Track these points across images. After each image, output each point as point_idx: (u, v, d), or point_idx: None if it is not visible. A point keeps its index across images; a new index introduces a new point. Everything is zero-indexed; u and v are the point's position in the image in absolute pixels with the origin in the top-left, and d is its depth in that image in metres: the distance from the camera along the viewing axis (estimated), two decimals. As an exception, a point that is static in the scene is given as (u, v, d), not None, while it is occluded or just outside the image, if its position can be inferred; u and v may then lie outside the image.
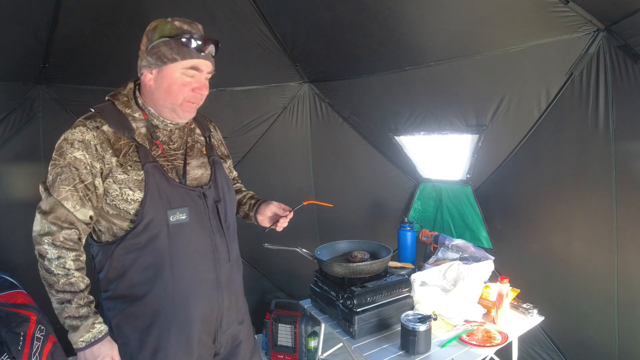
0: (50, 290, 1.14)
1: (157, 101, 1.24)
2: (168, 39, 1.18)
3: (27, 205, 2.60)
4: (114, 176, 1.16)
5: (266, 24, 2.31)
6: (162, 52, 1.17)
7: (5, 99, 2.42)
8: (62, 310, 1.13)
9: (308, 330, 2.78)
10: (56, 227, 1.12)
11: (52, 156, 1.17)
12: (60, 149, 1.16)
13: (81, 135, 1.16)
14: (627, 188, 1.70)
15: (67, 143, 1.16)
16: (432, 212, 2.68)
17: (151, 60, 1.18)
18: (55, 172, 1.15)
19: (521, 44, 1.87)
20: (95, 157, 1.15)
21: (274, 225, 1.55)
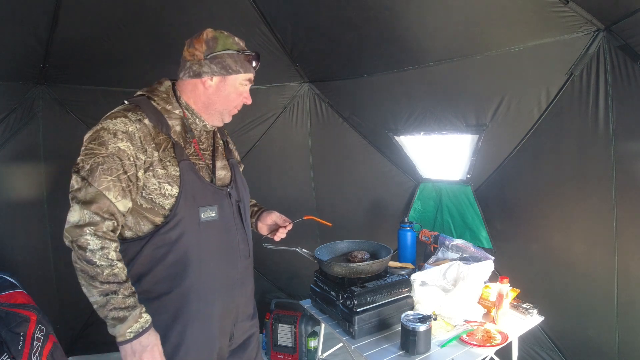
0: (93, 283, 1.10)
1: (212, 105, 1.31)
2: (234, 53, 1.28)
3: (27, 205, 2.62)
4: (154, 170, 1.18)
5: (266, 24, 2.31)
6: (227, 63, 1.27)
7: (5, 99, 2.42)
8: (106, 302, 1.10)
9: (308, 330, 2.78)
10: (99, 218, 1.10)
11: (86, 145, 1.15)
12: (100, 138, 1.14)
13: (124, 127, 1.16)
14: (627, 188, 1.70)
15: (108, 133, 1.15)
16: (432, 212, 2.68)
17: (215, 68, 1.26)
18: (95, 161, 1.12)
19: (521, 44, 1.87)
20: (139, 149, 1.16)
21: (271, 234, 1.63)
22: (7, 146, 2.48)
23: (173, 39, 2.37)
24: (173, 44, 2.40)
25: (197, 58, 1.26)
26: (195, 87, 1.29)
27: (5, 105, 2.43)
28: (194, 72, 1.27)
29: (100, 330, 3.09)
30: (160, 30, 2.30)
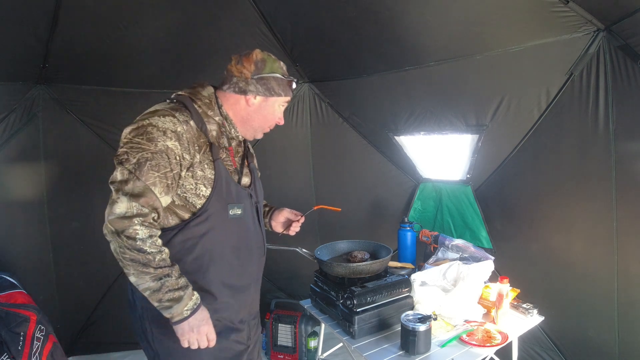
0: (146, 270, 1.14)
1: (250, 121, 1.39)
2: (278, 77, 1.35)
3: (27, 206, 2.62)
4: (194, 171, 1.24)
5: (266, 24, 2.31)
6: (272, 86, 1.35)
7: (5, 99, 2.43)
8: (161, 286, 1.15)
9: (308, 330, 2.78)
10: (147, 210, 1.15)
11: (131, 138, 1.17)
12: (148, 134, 1.17)
13: (173, 126, 1.20)
14: (627, 188, 1.70)
15: (157, 130, 1.18)
16: (432, 212, 2.68)
17: (260, 89, 1.33)
18: (143, 156, 1.15)
19: (521, 44, 1.87)
20: (185, 150, 1.21)
21: (286, 230, 1.68)
22: (7, 146, 2.48)
23: (173, 39, 2.38)
24: (173, 44, 2.42)
25: (245, 76, 1.32)
26: (237, 102, 1.36)
27: (5, 105, 2.43)
28: (239, 89, 1.33)
29: (100, 330, 3.10)
30: (160, 31, 2.30)
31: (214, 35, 2.37)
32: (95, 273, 2.79)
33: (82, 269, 2.76)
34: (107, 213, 1.15)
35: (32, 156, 2.57)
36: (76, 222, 2.72)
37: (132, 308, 1.34)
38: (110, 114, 2.67)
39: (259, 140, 2.94)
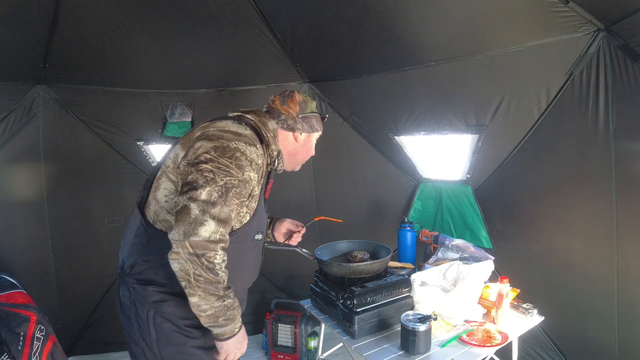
0: (215, 292, 1.17)
1: (295, 154, 1.52)
2: (316, 114, 1.53)
3: (27, 205, 2.63)
4: (249, 201, 1.30)
5: (266, 24, 2.31)
6: (312, 123, 1.51)
7: (5, 99, 2.43)
8: (225, 306, 1.20)
9: (308, 330, 2.78)
10: (227, 237, 1.20)
11: (219, 158, 1.19)
12: (237, 160, 1.21)
13: (257, 158, 1.27)
14: (627, 188, 1.70)
15: (246, 159, 1.23)
16: (432, 212, 2.68)
17: (305, 126, 1.49)
18: (230, 182, 1.19)
19: (521, 44, 1.87)
20: (257, 183, 1.30)
21: (288, 240, 1.73)
22: (7, 146, 2.48)
23: (173, 39, 2.38)
24: (173, 44, 2.42)
25: (292, 115, 1.46)
26: (285, 137, 1.47)
27: (5, 105, 2.43)
28: (288, 126, 1.45)
29: (100, 330, 3.09)
30: (161, 31, 2.30)
31: (214, 36, 2.37)
32: (95, 273, 2.79)
33: (82, 269, 2.76)
34: (185, 232, 1.12)
35: (32, 156, 2.57)
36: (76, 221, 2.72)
37: (129, 311, 1.31)
38: (110, 114, 2.67)
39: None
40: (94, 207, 2.78)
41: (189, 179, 1.18)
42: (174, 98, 2.77)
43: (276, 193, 2.99)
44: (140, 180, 2.82)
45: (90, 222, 2.78)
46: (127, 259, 1.32)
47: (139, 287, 1.29)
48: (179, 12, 2.19)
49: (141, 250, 1.30)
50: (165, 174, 1.28)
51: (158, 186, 1.29)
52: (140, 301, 1.28)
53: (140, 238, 1.30)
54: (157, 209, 1.28)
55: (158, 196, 1.28)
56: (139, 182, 2.78)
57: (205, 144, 1.22)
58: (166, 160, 1.31)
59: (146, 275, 1.28)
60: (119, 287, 1.35)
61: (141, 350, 1.32)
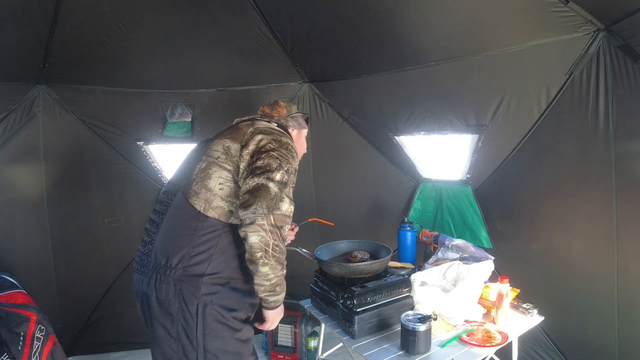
0: (282, 262, 1.36)
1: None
2: (301, 114, 1.75)
3: (27, 205, 2.62)
4: None
5: (266, 24, 2.31)
6: (300, 121, 1.72)
7: (5, 99, 2.43)
8: (283, 275, 1.39)
9: (308, 330, 2.78)
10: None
11: (279, 149, 1.38)
12: (291, 152, 1.41)
13: (296, 154, 1.46)
14: (627, 188, 1.70)
15: (295, 151, 1.44)
16: (432, 212, 2.68)
17: (295, 124, 1.70)
18: (290, 169, 1.38)
19: (521, 44, 1.87)
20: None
21: None
22: (7, 146, 2.48)
23: (173, 39, 2.38)
24: (173, 44, 2.42)
25: (282, 115, 1.65)
26: None
27: (5, 105, 2.43)
28: (281, 125, 1.61)
29: (100, 330, 3.09)
30: (160, 30, 2.30)
31: (214, 36, 2.37)
32: (95, 273, 2.79)
33: (82, 269, 2.76)
34: (268, 206, 1.27)
35: (32, 156, 2.57)
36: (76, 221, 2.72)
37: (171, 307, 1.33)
38: (110, 114, 2.67)
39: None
40: (94, 207, 2.77)
41: (260, 164, 1.33)
42: (174, 98, 2.77)
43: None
44: (140, 180, 2.86)
45: (90, 222, 2.78)
46: (173, 252, 1.33)
47: (190, 280, 1.32)
48: (179, 12, 2.19)
49: (191, 241, 1.34)
50: (215, 164, 1.39)
51: (208, 175, 1.38)
52: (189, 295, 1.32)
53: (190, 228, 1.35)
54: (208, 197, 1.36)
55: (210, 185, 1.37)
56: (139, 182, 2.83)
57: (265, 137, 1.40)
58: (210, 152, 1.42)
59: (199, 266, 1.33)
60: (156, 284, 1.33)
61: (179, 347, 1.33)
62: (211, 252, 1.34)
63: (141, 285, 1.39)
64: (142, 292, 1.38)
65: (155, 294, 1.34)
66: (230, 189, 1.37)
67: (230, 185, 1.37)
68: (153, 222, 1.46)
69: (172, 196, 1.44)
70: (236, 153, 1.39)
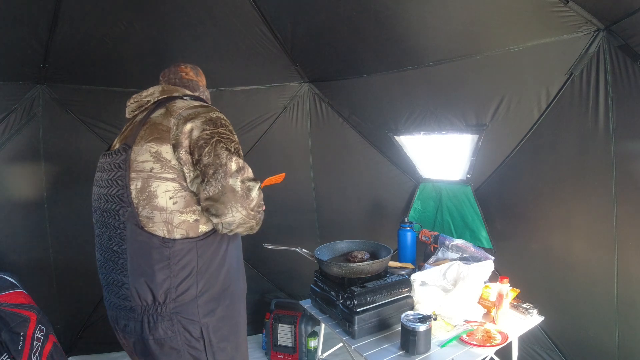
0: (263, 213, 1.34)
1: None
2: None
3: (27, 205, 2.63)
4: None
5: (266, 24, 2.31)
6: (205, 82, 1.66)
7: (5, 99, 2.43)
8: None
9: (308, 330, 2.78)
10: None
11: (219, 130, 1.23)
12: (226, 126, 1.27)
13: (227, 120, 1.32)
14: (627, 188, 1.70)
15: (229, 124, 1.29)
16: (432, 212, 2.68)
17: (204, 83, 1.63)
18: (235, 145, 1.26)
19: (521, 44, 1.86)
20: None
21: None
22: (7, 146, 2.48)
23: (174, 39, 2.38)
24: (173, 44, 2.42)
25: (192, 77, 1.54)
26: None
27: (5, 105, 2.43)
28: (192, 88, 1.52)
29: (100, 330, 3.10)
30: (161, 31, 2.30)
31: (214, 36, 2.37)
32: (95, 273, 2.78)
33: (82, 269, 2.75)
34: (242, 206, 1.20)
35: (32, 156, 2.57)
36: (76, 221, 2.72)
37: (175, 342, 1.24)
38: (110, 114, 2.67)
39: (258, 140, 2.98)
40: (94, 207, 2.77)
41: (207, 160, 1.17)
42: (174, 98, 2.76)
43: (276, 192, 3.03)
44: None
45: (91, 222, 2.77)
46: (155, 290, 1.20)
47: (186, 308, 1.23)
48: (179, 12, 2.19)
49: (170, 272, 1.20)
50: (153, 178, 1.18)
51: (152, 194, 1.18)
52: (190, 323, 1.24)
53: (161, 260, 1.19)
54: (166, 217, 1.19)
55: (160, 203, 1.19)
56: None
57: (193, 124, 1.20)
58: (138, 166, 1.19)
59: (189, 292, 1.23)
60: (150, 326, 1.22)
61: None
62: (194, 273, 1.23)
63: (133, 331, 1.26)
64: (135, 335, 1.26)
65: (152, 337, 1.22)
66: (184, 199, 1.21)
67: (183, 195, 1.20)
68: (108, 262, 1.28)
69: (108, 229, 1.26)
70: (170, 157, 1.19)
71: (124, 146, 1.24)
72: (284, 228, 3.07)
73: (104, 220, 1.28)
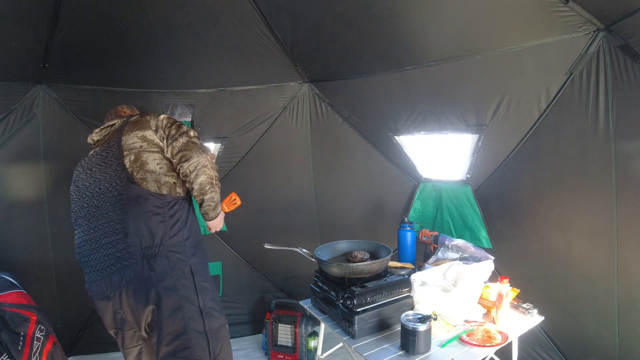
0: (219, 185, 1.70)
1: None
2: None
3: (27, 205, 2.63)
4: None
5: (266, 24, 2.31)
6: None
7: (5, 99, 2.43)
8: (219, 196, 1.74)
9: (308, 330, 2.78)
10: None
11: (175, 121, 1.69)
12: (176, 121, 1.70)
13: None
14: (627, 188, 1.70)
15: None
16: (432, 212, 2.68)
17: None
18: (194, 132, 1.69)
19: (521, 44, 1.86)
20: None
21: None
22: (7, 146, 2.48)
23: (174, 39, 2.38)
24: (174, 44, 2.42)
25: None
26: None
27: (5, 105, 2.43)
28: None
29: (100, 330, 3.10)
30: (161, 31, 2.30)
31: (214, 36, 2.37)
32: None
33: (82, 269, 2.75)
34: (202, 150, 1.62)
35: (32, 156, 2.57)
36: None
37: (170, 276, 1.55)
38: (110, 114, 2.67)
39: (258, 140, 2.98)
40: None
41: (175, 131, 1.63)
42: (174, 98, 2.77)
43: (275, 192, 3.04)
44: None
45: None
46: (154, 233, 1.54)
47: (178, 248, 1.59)
48: (179, 12, 2.19)
49: (164, 218, 1.57)
50: (143, 152, 1.60)
51: (144, 162, 1.59)
52: (182, 261, 1.58)
53: (156, 209, 1.56)
54: (155, 177, 1.59)
55: (151, 168, 1.59)
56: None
57: (162, 116, 1.68)
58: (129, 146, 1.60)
59: (179, 234, 1.60)
60: (151, 262, 1.52)
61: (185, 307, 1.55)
62: (182, 220, 1.62)
63: (133, 275, 1.52)
64: (135, 280, 1.52)
65: (155, 272, 1.52)
66: (167, 166, 1.63)
67: (166, 162, 1.63)
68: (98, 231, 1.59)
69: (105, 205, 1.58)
70: (153, 137, 1.61)
71: (113, 140, 1.65)
72: (284, 228, 3.07)
73: (99, 203, 1.60)
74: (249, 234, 2.99)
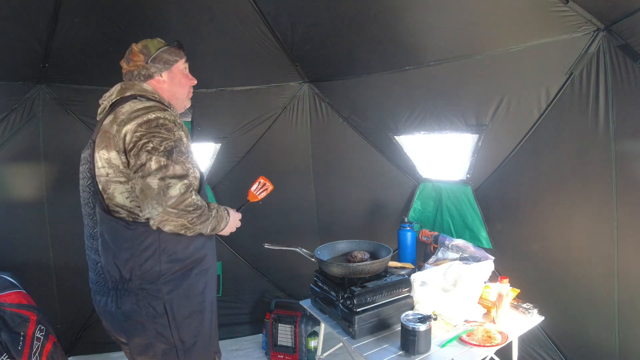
0: (207, 215, 1.36)
1: (175, 94, 1.55)
2: (165, 48, 1.52)
3: (27, 205, 2.62)
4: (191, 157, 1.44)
5: (266, 24, 2.31)
6: (165, 58, 1.51)
7: (5, 99, 2.43)
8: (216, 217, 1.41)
9: (308, 330, 2.78)
10: (193, 181, 1.36)
11: (152, 129, 1.29)
12: (163, 126, 1.31)
13: (176, 118, 1.39)
14: (627, 188, 1.70)
15: (169, 122, 1.33)
16: (432, 212, 2.68)
17: (159, 66, 1.49)
18: (168, 144, 1.29)
19: (521, 44, 1.87)
20: (187, 139, 1.42)
21: None
22: (7, 146, 2.48)
23: (174, 39, 2.38)
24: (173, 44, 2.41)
25: (141, 65, 1.47)
26: (155, 86, 1.50)
27: (5, 105, 2.43)
28: (146, 76, 1.48)
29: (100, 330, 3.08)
30: (161, 31, 2.30)
31: (214, 36, 2.37)
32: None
33: (82, 269, 2.75)
34: (158, 202, 1.24)
35: (32, 156, 2.57)
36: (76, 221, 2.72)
37: (139, 316, 1.36)
38: (110, 114, 2.67)
39: (258, 140, 2.98)
40: (94, 207, 2.77)
41: (133, 162, 1.28)
42: (174, 98, 2.77)
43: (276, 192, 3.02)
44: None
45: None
46: (121, 266, 1.33)
47: (150, 285, 1.35)
48: (179, 12, 2.19)
49: (134, 250, 1.33)
50: (110, 182, 1.34)
51: (112, 196, 1.35)
52: (153, 299, 1.35)
53: (125, 239, 1.33)
54: (127, 209, 1.35)
55: (119, 202, 1.35)
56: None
57: (128, 127, 1.29)
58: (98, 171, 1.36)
59: (152, 270, 1.34)
60: (118, 300, 1.35)
61: (159, 349, 1.38)
62: (157, 253, 1.34)
63: (105, 305, 1.39)
64: (107, 311, 1.40)
65: (120, 310, 1.36)
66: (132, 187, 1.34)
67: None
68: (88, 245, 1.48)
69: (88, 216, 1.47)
70: (118, 162, 1.32)
71: (90, 142, 1.44)
72: (284, 228, 3.07)
73: (85, 209, 1.49)
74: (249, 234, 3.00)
